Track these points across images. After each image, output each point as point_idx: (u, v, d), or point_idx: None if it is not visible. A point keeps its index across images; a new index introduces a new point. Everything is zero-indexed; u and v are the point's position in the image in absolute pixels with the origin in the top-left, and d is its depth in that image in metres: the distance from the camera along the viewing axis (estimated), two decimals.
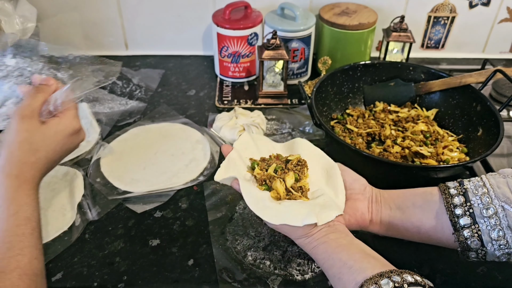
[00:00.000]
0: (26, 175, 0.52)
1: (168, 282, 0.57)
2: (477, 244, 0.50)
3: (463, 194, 0.51)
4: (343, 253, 0.48)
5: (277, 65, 0.90)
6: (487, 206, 0.49)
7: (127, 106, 0.91)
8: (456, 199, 0.51)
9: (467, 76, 0.81)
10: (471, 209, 0.50)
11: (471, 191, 0.51)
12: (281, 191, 0.55)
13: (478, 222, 0.49)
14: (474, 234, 0.50)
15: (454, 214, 0.51)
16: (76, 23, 1.05)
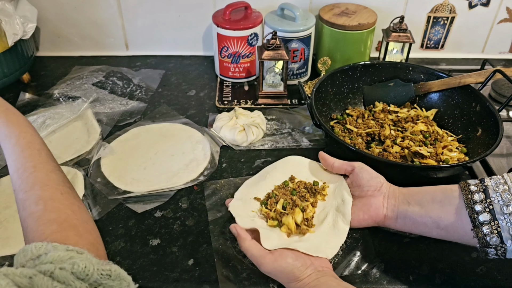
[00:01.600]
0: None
1: (168, 281, 0.57)
2: (496, 241, 0.50)
3: (483, 191, 0.51)
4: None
5: (277, 65, 0.90)
6: (507, 203, 0.49)
7: (127, 106, 0.92)
8: (476, 195, 0.51)
9: (467, 76, 0.81)
10: (491, 206, 0.50)
11: (492, 187, 0.51)
12: (292, 227, 0.60)
13: (498, 218, 0.49)
14: (493, 230, 0.49)
15: (473, 210, 0.51)
16: (76, 24, 1.05)
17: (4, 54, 0.88)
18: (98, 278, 0.38)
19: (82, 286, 0.37)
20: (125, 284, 0.41)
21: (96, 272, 0.38)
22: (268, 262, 0.54)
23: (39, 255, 0.40)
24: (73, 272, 0.37)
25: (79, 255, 0.40)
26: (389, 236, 0.64)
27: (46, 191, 0.48)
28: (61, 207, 0.47)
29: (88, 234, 0.47)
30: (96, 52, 1.10)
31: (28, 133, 0.54)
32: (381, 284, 0.57)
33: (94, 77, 1.01)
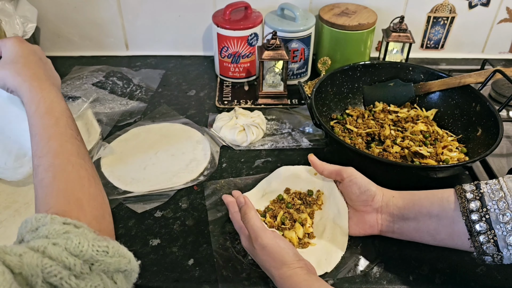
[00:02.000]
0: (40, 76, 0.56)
1: (168, 281, 0.57)
2: (493, 250, 0.49)
3: (479, 199, 0.50)
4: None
5: (277, 65, 0.90)
6: (503, 212, 0.48)
7: (127, 106, 0.92)
8: (472, 204, 0.50)
9: (467, 76, 0.81)
10: (487, 215, 0.49)
11: (488, 195, 0.50)
12: (295, 241, 0.61)
13: (494, 227, 0.49)
14: (490, 239, 0.49)
15: (470, 219, 0.50)
16: (76, 24, 1.05)
17: None
18: (93, 255, 0.37)
19: (76, 262, 0.36)
20: (125, 261, 0.40)
21: (91, 248, 0.37)
22: (268, 235, 0.53)
23: (37, 227, 0.39)
24: (67, 248, 0.36)
25: (76, 229, 0.38)
26: (389, 237, 0.64)
27: (58, 159, 0.47)
28: (69, 178, 0.46)
29: (92, 209, 0.46)
30: (96, 52, 1.10)
31: (49, 99, 0.53)
32: (381, 284, 0.57)
33: (94, 77, 1.01)
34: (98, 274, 0.37)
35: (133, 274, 0.42)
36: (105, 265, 0.38)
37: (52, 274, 0.34)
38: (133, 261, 0.41)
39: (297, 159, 0.78)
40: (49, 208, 0.43)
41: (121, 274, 0.40)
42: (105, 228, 0.46)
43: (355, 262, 0.60)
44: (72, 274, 0.35)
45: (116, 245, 0.40)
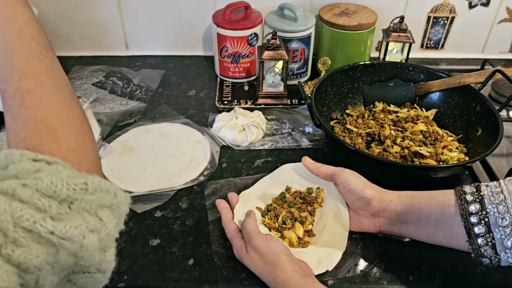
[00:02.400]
0: None
1: (168, 281, 0.57)
2: (490, 253, 0.49)
3: (479, 201, 0.50)
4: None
5: (277, 65, 0.90)
6: (503, 216, 0.48)
7: (127, 106, 0.92)
8: (472, 206, 0.50)
9: (467, 76, 0.81)
10: (486, 218, 0.49)
11: (488, 197, 0.50)
12: (294, 241, 0.61)
13: (493, 231, 0.48)
14: (488, 242, 0.49)
15: (469, 222, 0.50)
16: (76, 24, 1.05)
17: None
18: (70, 194, 0.33)
19: (51, 204, 0.32)
20: (110, 195, 0.36)
21: (65, 187, 0.33)
22: (261, 238, 0.55)
23: (7, 165, 0.34)
24: (38, 189, 0.32)
25: (48, 167, 0.33)
26: (389, 236, 0.64)
27: (24, 81, 0.40)
28: (38, 103, 0.39)
29: (69, 139, 0.39)
30: (96, 52, 1.10)
31: (12, 9, 0.43)
32: (381, 284, 0.57)
33: (94, 77, 1.01)
34: (79, 213, 0.33)
35: (122, 207, 0.37)
36: (86, 203, 0.34)
37: (24, 219, 0.30)
38: (120, 193, 0.37)
39: (297, 159, 0.78)
40: (20, 141, 0.37)
41: (106, 209, 0.35)
42: (85, 160, 0.39)
43: (355, 262, 0.60)
44: (48, 216, 0.31)
45: (97, 180, 0.35)
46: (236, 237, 0.59)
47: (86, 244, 0.33)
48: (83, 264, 0.34)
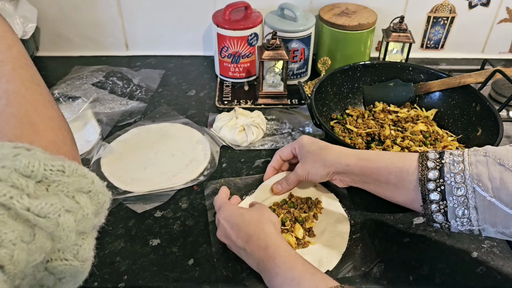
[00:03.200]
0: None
1: (168, 281, 0.57)
2: (441, 219, 0.51)
3: (439, 169, 0.51)
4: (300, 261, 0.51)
5: (277, 65, 0.90)
6: (458, 186, 0.49)
7: (127, 106, 0.92)
8: (431, 173, 0.51)
9: (467, 76, 0.81)
10: (442, 186, 0.50)
11: (448, 166, 0.50)
12: (293, 243, 0.61)
13: (447, 199, 0.50)
14: (440, 209, 0.51)
15: (426, 188, 0.51)
16: (76, 24, 1.05)
17: None
18: (47, 175, 0.33)
19: (28, 183, 0.32)
20: (87, 181, 0.36)
21: (42, 167, 0.33)
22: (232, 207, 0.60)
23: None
24: (16, 169, 0.33)
25: (27, 151, 0.35)
26: (389, 236, 0.64)
27: (10, 84, 0.43)
28: (22, 101, 0.42)
29: (49, 133, 0.42)
30: (96, 52, 1.10)
31: (2, 26, 0.47)
32: (381, 284, 0.57)
33: (94, 77, 1.01)
34: (56, 194, 0.34)
35: (101, 196, 0.38)
36: (63, 186, 0.34)
37: (0, 194, 0.31)
38: (98, 181, 0.37)
39: None
40: (2, 136, 0.39)
41: (84, 195, 0.36)
42: (64, 154, 0.41)
43: (355, 262, 0.60)
44: (25, 193, 0.32)
45: (74, 164, 0.36)
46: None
47: (62, 223, 0.33)
48: (60, 247, 0.34)
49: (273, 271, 0.50)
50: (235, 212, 0.58)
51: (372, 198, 0.62)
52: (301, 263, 0.50)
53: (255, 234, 0.54)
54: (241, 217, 0.56)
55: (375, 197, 0.61)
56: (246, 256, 0.55)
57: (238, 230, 0.55)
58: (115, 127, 0.85)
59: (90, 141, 0.80)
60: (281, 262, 0.50)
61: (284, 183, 0.67)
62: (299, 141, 0.65)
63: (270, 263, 0.51)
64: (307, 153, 0.63)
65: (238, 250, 0.57)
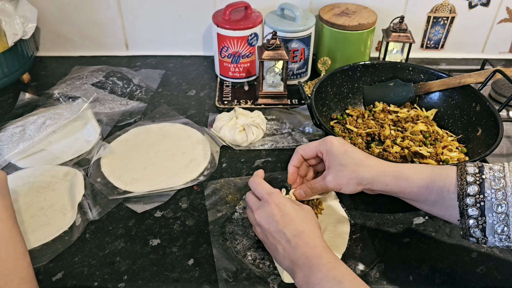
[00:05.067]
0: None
1: (168, 281, 0.57)
2: (479, 234, 0.49)
3: (479, 184, 0.49)
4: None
5: (277, 65, 0.90)
6: (499, 202, 0.48)
7: (127, 106, 0.92)
8: (470, 188, 0.49)
9: (467, 76, 0.81)
10: (482, 202, 0.48)
11: (489, 182, 0.49)
12: None
13: (486, 215, 0.48)
14: (479, 225, 0.49)
15: (464, 202, 0.50)
16: (76, 24, 1.05)
17: (4, 54, 0.88)
18: None
19: None
20: None
21: None
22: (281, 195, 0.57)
23: None
24: None
25: None
26: (389, 236, 0.64)
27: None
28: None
29: None
30: (96, 52, 1.10)
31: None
32: (381, 285, 0.57)
33: (94, 77, 1.01)
34: None
35: None
36: None
37: None
38: None
39: None
40: None
41: None
42: None
43: (355, 262, 0.60)
44: None
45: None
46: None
47: None
48: None
49: (316, 268, 0.49)
50: (290, 203, 0.55)
51: (372, 198, 0.62)
52: (345, 267, 0.49)
53: (307, 232, 0.52)
54: (296, 211, 0.54)
55: (375, 197, 0.61)
56: (286, 246, 0.52)
57: (289, 222, 0.53)
58: (115, 127, 0.85)
59: (90, 141, 0.81)
60: (326, 261, 0.49)
61: (308, 190, 0.62)
62: (327, 146, 0.59)
63: (316, 259, 0.49)
64: (341, 166, 0.58)
65: (277, 238, 0.53)
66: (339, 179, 0.58)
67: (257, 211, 0.56)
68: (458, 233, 0.64)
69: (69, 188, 0.70)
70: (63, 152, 0.78)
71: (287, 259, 0.52)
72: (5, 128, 0.83)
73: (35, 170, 0.74)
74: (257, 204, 0.57)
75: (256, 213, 0.56)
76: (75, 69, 1.04)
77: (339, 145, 0.59)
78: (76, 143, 0.80)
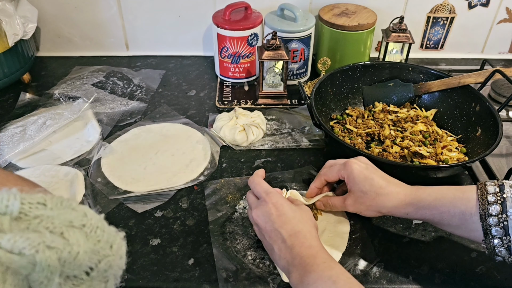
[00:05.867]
0: None
1: (168, 281, 0.58)
2: (505, 254, 0.49)
3: (500, 203, 0.49)
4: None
5: (277, 65, 0.90)
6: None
7: (128, 106, 0.92)
8: (492, 208, 0.49)
9: (466, 77, 0.81)
10: (506, 221, 0.48)
11: (510, 200, 0.49)
12: None
13: (511, 234, 0.48)
14: (503, 244, 0.49)
15: (487, 223, 0.49)
16: (76, 24, 1.05)
17: (4, 54, 0.88)
18: (26, 209, 0.28)
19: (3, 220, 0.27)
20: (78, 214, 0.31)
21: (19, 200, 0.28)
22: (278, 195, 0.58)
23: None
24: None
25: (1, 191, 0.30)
26: (389, 236, 0.64)
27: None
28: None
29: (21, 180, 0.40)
30: (97, 52, 1.10)
31: None
32: (381, 284, 0.57)
33: (94, 77, 1.01)
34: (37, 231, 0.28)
35: (99, 232, 0.31)
36: (47, 221, 0.29)
37: None
38: (92, 214, 0.31)
39: (297, 159, 0.78)
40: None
41: (76, 231, 0.30)
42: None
43: (355, 262, 0.60)
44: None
45: (59, 197, 0.31)
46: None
47: (41, 261, 0.26)
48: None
49: (310, 268, 0.49)
50: (287, 203, 0.56)
51: None
52: (339, 267, 0.50)
53: (303, 232, 0.53)
54: (293, 211, 0.55)
55: None
56: (281, 246, 0.53)
57: (285, 222, 0.54)
58: (115, 127, 0.86)
59: (91, 141, 0.81)
60: (321, 261, 0.49)
61: (328, 205, 0.65)
62: (348, 172, 0.60)
63: (310, 259, 0.50)
64: (361, 193, 0.59)
65: (273, 237, 0.54)
66: (359, 205, 0.60)
67: (254, 210, 0.57)
68: None
69: (70, 188, 0.70)
70: (63, 152, 0.78)
71: (283, 259, 0.52)
72: (5, 128, 0.83)
73: (36, 170, 0.74)
74: (255, 203, 0.58)
75: (253, 212, 0.56)
76: (75, 69, 1.04)
77: (359, 171, 0.60)
78: (76, 143, 0.80)
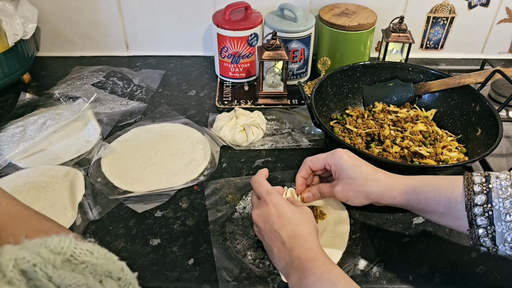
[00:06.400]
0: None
1: (168, 281, 0.58)
2: (489, 244, 0.49)
3: (486, 193, 0.49)
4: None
5: (277, 65, 0.90)
6: (507, 211, 0.48)
7: (128, 106, 0.92)
8: (478, 197, 0.50)
9: (466, 77, 0.81)
10: (490, 211, 0.49)
11: (496, 191, 0.49)
12: None
13: (495, 224, 0.48)
14: (488, 234, 0.49)
15: (472, 212, 0.50)
16: (76, 24, 1.05)
17: (4, 54, 0.88)
18: (76, 253, 0.33)
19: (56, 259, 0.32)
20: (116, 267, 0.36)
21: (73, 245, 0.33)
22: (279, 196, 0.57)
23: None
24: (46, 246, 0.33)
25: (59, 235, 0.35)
26: (389, 236, 0.64)
27: None
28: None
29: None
30: (97, 52, 1.10)
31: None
32: (381, 284, 0.57)
33: (94, 77, 1.01)
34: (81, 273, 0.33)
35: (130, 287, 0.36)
36: (91, 268, 0.34)
37: (24, 260, 0.30)
38: (127, 270, 0.36)
39: (297, 159, 0.78)
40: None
41: (113, 282, 0.35)
42: None
43: (355, 262, 0.60)
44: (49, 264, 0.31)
45: (104, 250, 0.36)
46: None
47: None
48: None
49: (309, 271, 0.49)
50: (287, 204, 0.56)
51: None
52: (339, 270, 0.50)
53: (302, 234, 0.53)
54: (293, 213, 0.55)
55: None
56: (281, 248, 0.53)
57: (285, 223, 0.53)
58: (115, 127, 0.86)
59: (91, 141, 0.81)
60: (320, 264, 0.49)
61: (317, 194, 0.63)
62: (336, 159, 0.60)
63: (309, 262, 0.50)
64: (349, 179, 0.59)
65: (272, 238, 0.54)
66: (347, 191, 0.59)
67: (254, 210, 0.57)
68: (457, 233, 0.64)
69: (70, 188, 0.70)
70: (63, 152, 0.78)
71: (282, 261, 0.52)
72: (5, 128, 0.83)
73: (36, 170, 0.74)
74: (256, 202, 0.58)
75: (254, 212, 0.57)
76: (75, 69, 1.04)
77: (348, 158, 0.59)
78: (76, 143, 0.80)
